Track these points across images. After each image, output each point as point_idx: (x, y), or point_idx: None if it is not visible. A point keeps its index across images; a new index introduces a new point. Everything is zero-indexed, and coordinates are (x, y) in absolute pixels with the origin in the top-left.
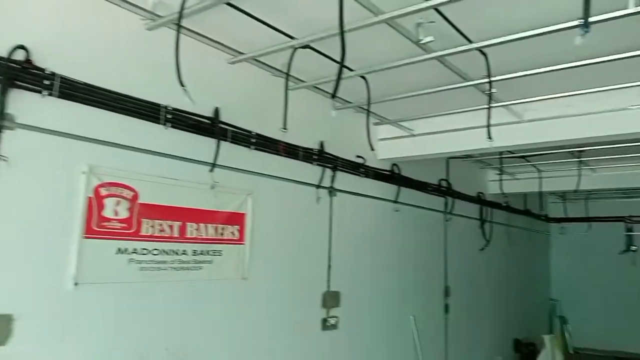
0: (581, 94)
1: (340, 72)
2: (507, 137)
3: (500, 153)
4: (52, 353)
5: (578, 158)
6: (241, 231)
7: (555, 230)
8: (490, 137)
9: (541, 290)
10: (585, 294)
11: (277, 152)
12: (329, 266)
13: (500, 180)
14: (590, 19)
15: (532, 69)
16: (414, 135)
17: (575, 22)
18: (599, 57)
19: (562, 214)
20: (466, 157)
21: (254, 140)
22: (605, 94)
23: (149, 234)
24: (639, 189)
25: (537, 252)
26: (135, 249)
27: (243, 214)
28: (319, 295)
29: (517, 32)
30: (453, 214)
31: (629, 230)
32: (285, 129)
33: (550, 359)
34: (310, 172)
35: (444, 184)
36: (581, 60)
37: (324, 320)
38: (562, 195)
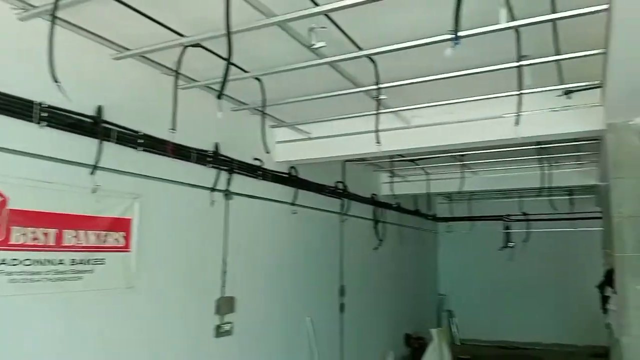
0: (461, 102)
1: (227, 72)
2: (395, 142)
3: (391, 157)
4: None
5: (460, 162)
6: (127, 238)
7: (443, 229)
8: (378, 142)
9: (430, 286)
10: (470, 288)
11: (166, 154)
12: (224, 271)
13: (392, 182)
14: (460, 33)
15: (418, 77)
16: (310, 139)
17: (446, 36)
18: (476, 68)
19: (448, 213)
20: (360, 160)
21: (141, 141)
22: (482, 103)
23: (19, 243)
24: (514, 190)
25: (426, 250)
26: (3, 260)
27: (129, 220)
28: (212, 301)
29: (404, 42)
30: (348, 215)
31: (507, 228)
32: (173, 129)
33: (437, 351)
34: (205, 174)
35: (340, 186)
36: (461, 70)
37: (218, 327)
38: (449, 196)
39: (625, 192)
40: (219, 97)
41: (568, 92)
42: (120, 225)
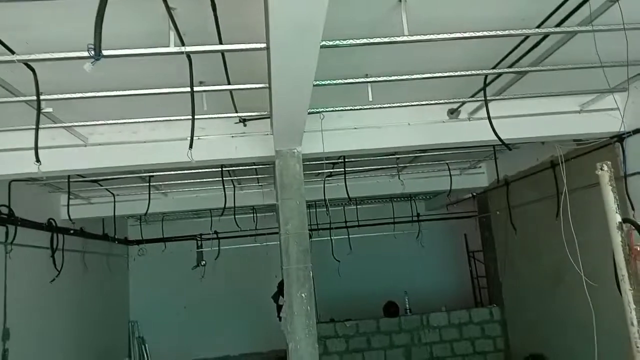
0: (145, 122)
1: None
2: (68, 161)
3: (69, 177)
4: None
5: (149, 183)
6: None
7: (134, 252)
8: (38, 161)
9: (120, 314)
10: (163, 311)
11: None
12: None
13: (68, 205)
14: (104, 51)
15: (90, 92)
16: None
17: (85, 53)
18: (152, 89)
19: (140, 235)
20: (31, 180)
21: None
22: (167, 124)
23: None
24: (206, 210)
25: (116, 275)
26: None
27: None
28: None
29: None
30: (16, 244)
31: (200, 246)
32: None
33: None
34: None
35: (4, 210)
36: (138, 89)
37: None
38: (140, 218)
39: (290, 211)
40: None
41: (243, 120)
42: None
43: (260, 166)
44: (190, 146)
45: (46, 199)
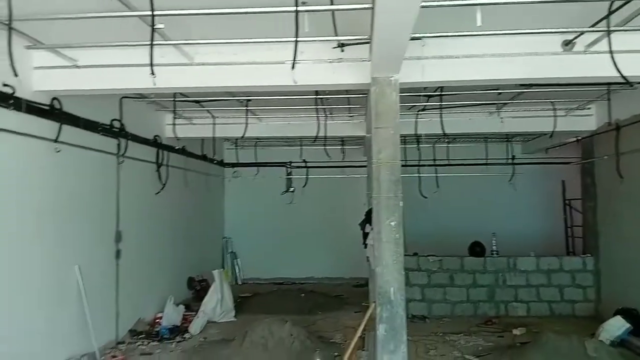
0: (245, 43)
1: None
2: (175, 79)
3: (174, 95)
4: None
5: (246, 107)
6: None
7: (229, 174)
8: (153, 74)
9: (215, 230)
10: (253, 231)
11: None
12: None
13: (176, 124)
14: None
15: (201, 9)
16: (77, 67)
17: None
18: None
19: (235, 159)
20: (140, 97)
21: None
22: (266, 46)
23: None
24: (296, 138)
25: (213, 194)
26: None
27: None
28: None
29: None
30: (127, 156)
31: (289, 174)
32: None
33: (219, 291)
34: None
35: (116, 124)
36: (243, 8)
37: None
38: (235, 142)
39: (384, 140)
40: None
41: (342, 45)
42: None
43: (353, 95)
44: (293, 67)
45: (153, 116)
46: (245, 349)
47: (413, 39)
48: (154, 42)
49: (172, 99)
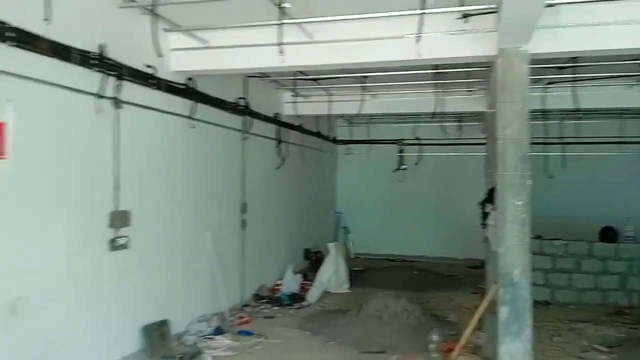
0: (365, 18)
1: None
2: (299, 57)
3: (294, 74)
4: None
5: (362, 84)
6: (1, 144)
7: (342, 150)
8: (282, 52)
9: (329, 205)
10: (365, 207)
11: (42, 52)
12: (116, 184)
13: (294, 102)
14: None
15: None
16: (209, 48)
17: None
18: None
19: (348, 136)
20: (263, 76)
21: (11, 35)
22: (386, 22)
23: None
24: (410, 115)
25: (326, 170)
26: None
27: (2, 124)
28: (105, 215)
29: None
30: (250, 133)
31: (401, 151)
32: (48, 20)
33: (334, 263)
34: (89, 79)
35: (242, 102)
36: None
37: (112, 241)
38: (349, 119)
39: (511, 115)
40: None
41: (466, 16)
42: None
43: (473, 69)
44: (417, 40)
45: (273, 95)
46: (361, 320)
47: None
48: (277, 22)
49: (292, 78)
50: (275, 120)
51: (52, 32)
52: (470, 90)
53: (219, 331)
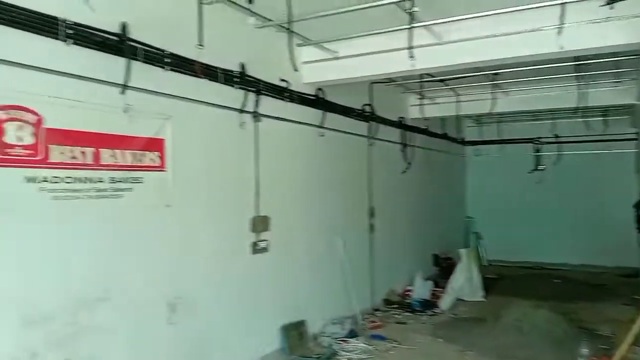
0: (498, 14)
1: None
2: (428, 59)
3: (421, 77)
4: None
5: (493, 81)
6: (162, 157)
7: (471, 152)
8: (412, 57)
9: (458, 209)
10: (498, 211)
11: (194, 74)
12: (257, 192)
13: (420, 105)
14: None
15: None
16: (337, 58)
17: None
18: None
19: (477, 136)
20: (388, 81)
21: (168, 60)
22: (521, 15)
23: (59, 161)
24: (546, 111)
25: (455, 173)
26: (45, 177)
27: (162, 140)
28: (247, 220)
29: None
30: (376, 138)
31: (537, 150)
32: (201, 45)
33: (466, 271)
34: (232, 95)
35: (367, 108)
36: None
37: (254, 244)
38: (477, 119)
39: None
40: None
41: (611, 2)
42: (155, 145)
43: (622, 58)
44: (560, 33)
45: (397, 98)
46: (500, 330)
47: None
48: (406, 26)
49: (418, 80)
50: (400, 124)
51: (203, 56)
52: (618, 81)
53: (352, 334)
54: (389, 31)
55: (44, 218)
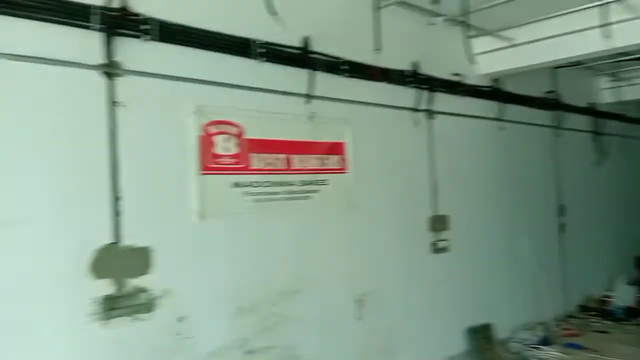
0: None
1: None
2: (627, 36)
3: (613, 57)
4: (184, 279)
5: None
6: (344, 160)
7: None
8: (608, 35)
9: None
10: None
11: (370, 78)
12: (434, 190)
13: (614, 87)
14: None
15: None
16: (514, 45)
17: None
18: None
19: None
20: (575, 64)
21: (346, 68)
22: None
23: (258, 168)
24: None
25: None
26: (248, 182)
27: (343, 144)
28: (424, 219)
29: None
30: (563, 128)
31: None
32: (379, 49)
33: None
34: (405, 95)
35: (551, 96)
36: None
37: (433, 244)
38: None
39: None
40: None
41: None
42: (337, 149)
43: None
44: None
45: (585, 83)
46: None
47: None
48: (599, 3)
49: (611, 61)
50: (591, 110)
51: (378, 59)
52: None
53: (545, 341)
54: (576, 10)
55: (249, 219)
